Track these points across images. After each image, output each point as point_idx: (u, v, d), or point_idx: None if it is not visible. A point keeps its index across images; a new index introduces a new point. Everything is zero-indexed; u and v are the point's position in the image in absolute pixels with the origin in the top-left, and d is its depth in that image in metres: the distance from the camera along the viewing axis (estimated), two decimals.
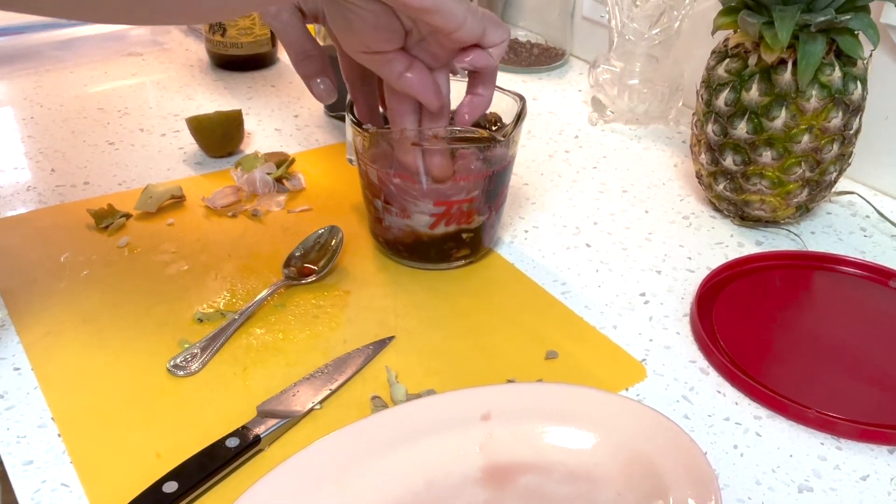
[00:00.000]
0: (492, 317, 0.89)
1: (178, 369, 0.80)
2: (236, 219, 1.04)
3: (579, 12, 1.57)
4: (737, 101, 0.99)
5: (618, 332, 0.88)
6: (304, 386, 0.78)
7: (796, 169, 0.98)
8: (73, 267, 0.94)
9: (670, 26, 1.25)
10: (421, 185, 0.88)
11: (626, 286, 0.95)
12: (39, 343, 0.83)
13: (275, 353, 0.83)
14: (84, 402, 0.77)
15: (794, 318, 0.91)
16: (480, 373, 0.81)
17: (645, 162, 1.24)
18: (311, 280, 0.93)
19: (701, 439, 0.75)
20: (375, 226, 0.97)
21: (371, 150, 0.89)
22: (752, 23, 0.94)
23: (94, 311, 0.88)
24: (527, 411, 0.72)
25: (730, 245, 1.04)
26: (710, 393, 0.81)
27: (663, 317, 0.91)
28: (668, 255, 1.01)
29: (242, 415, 0.75)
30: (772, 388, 0.79)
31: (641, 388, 0.81)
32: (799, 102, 0.95)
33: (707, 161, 1.04)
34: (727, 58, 1.01)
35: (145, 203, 1.04)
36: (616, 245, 1.03)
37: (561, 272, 0.97)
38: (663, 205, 1.12)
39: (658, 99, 1.30)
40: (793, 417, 0.78)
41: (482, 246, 0.97)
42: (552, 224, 1.07)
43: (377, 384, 0.80)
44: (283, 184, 1.11)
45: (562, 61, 1.58)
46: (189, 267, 0.95)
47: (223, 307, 0.89)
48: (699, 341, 0.86)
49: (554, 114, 1.38)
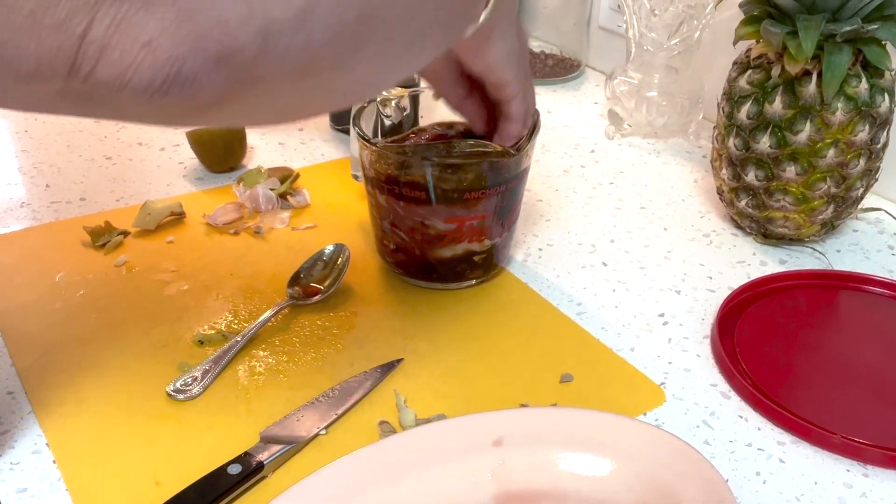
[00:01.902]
0: (504, 339, 0.90)
1: (178, 393, 0.80)
2: (238, 236, 1.05)
3: (595, 22, 1.58)
4: (759, 114, 0.99)
5: (635, 354, 0.88)
6: (309, 410, 0.78)
7: (821, 184, 0.98)
8: (68, 287, 0.95)
9: (690, 36, 1.25)
10: (430, 203, 0.88)
11: (644, 307, 0.96)
12: (34, 366, 0.83)
13: (278, 377, 0.83)
14: (80, 428, 0.77)
15: (819, 340, 0.91)
16: (493, 397, 0.82)
17: (664, 177, 1.24)
18: (317, 300, 0.93)
19: (722, 466, 0.75)
20: (382, 247, 0.97)
21: (379, 166, 0.90)
22: (776, 33, 0.95)
23: (90, 333, 0.88)
24: (541, 437, 0.72)
25: (752, 264, 1.04)
26: (732, 418, 0.81)
27: (683, 338, 0.91)
28: (688, 275, 1.01)
29: (245, 440, 0.75)
30: (796, 413, 0.79)
31: (660, 412, 0.81)
32: (824, 115, 0.96)
33: (728, 176, 1.05)
34: (749, 69, 1.01)
35: (144, 220, 1.04)
36: (634, 264, 1.03)
37: (576, 292, 0.97)
38: (683, 222, 1.12)
39: (677, 112, 1.30)
40: (817, 443, 0.78)
41: (495, 265, 0.97)
42: (567, 242, 1.07)
43: (385, 408, 0.80)
44: (286, 200, 1.11)
45: (577, 73, 1.59)
46: (189, 287, 0.95)
47: (225, 328, 0.89)
48: (720, 364, 0.87)
49: (569, 127, 1.39)
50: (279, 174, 1.14)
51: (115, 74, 0.46)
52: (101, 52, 0.46)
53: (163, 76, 0.47)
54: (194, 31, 0.46)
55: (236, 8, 0.47)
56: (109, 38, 0.45)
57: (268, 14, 0.48)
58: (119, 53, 0.46)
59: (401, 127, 0.99)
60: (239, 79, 0.49)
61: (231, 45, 0.48)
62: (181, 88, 0.47)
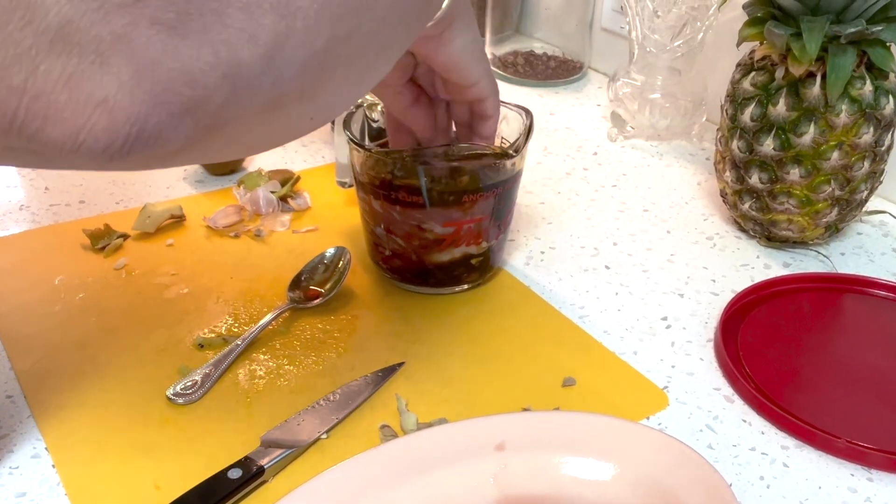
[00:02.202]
0: (506, 342, 0.90)
1: (179, 397, 0.80)
2: (239, 239, 1.05)
3: (598, 23, 1.58)
4: (763, 116, 0.99)
5: (638, 358, 0.88)
6: (309, 414, 0.78)
7: (825, 187, 0.99)
8: (67, 290, 0.95)
9: (693, 38, 1.25)
10: (427, 207, 0.88)
11: (647, 310, 0.96)
12: (33, 370, 0.84)
13: (279, 380, 0.83)
14: (80, 432, 0.77)
15: (824, 344, 0.91)
16: (494, 401, 0.82)
17: (667, 180, 1.24)
18: (318, 303, 0.93)
19: (725, 470, 0.76)
20: (376, 253, 0.97)
21: (372, 170, 0.90)
22: (779, 34, 0.95)
23: (89, 337, 0.88)
24: (543, 441, 0.72)
25: (756, 267, 1.04)
26: (735, 422, 0.81)
27: (686, 342, 0.91)
28: (692, 278, 1.01)
29: (245, 445, 0.75)
30: (800, 417, 0.79)
31: (663, 416, 0.81)
32: (828, 117, 0.96)
33: (732, 179, 1.05)
34: (753, 71, 1.01)
35: (143, 223, 1.04)
36: (636, 267, 1.03)
37: (579, 295, 0.98)
38: (686, 225, 1.13)
39: (680, 114, 1.31)
40: (822, 447, 0.78)
41: (491, 268, 0.97)
42: (569, 245, 1.07)
43: (387, 412, 0.80)
44: (287, 203, 1.11)
45: (580, 74, 1.59)
46: (189, 290, 0.96)
47: (225, 332, 0.89)
48: (724, 368, 0.87)
49: (571, 129, 1.39)
50: (280, 177, 1.14)
51: (66, 135, 0.43)
52: (48, 110, 0.42)
53: (122, 137, 0.44)
54: (157, 85, 0.43)
55: (201, 56, 0.44)
56: (58, 94, 0.42)
57: (234, 58, 0.45)
58: (70, 112, 0.42)
59: (383, 132, 0.98)
60: (206, 125, 0.47)
61: (197, 96, 0.45)
62: (144, 146, 0.45)
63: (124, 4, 0.42)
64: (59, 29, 0.41)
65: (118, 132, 0.43)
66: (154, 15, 0.42)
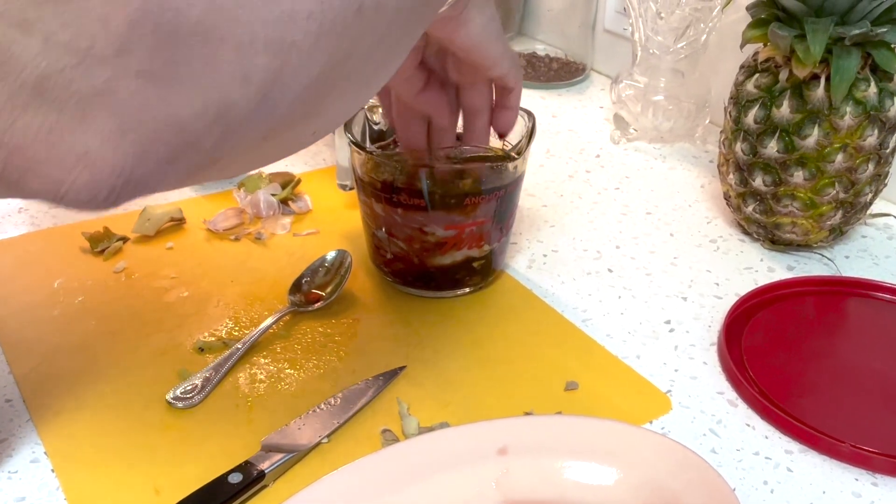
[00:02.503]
0: (508, 346, 0.90)
1: (178, 401, 0.80)
2: (239, 242, 1.05)
3: (601, 25, 1.58)
4: (767, 119, 0.99)
5: (641, 361, 0.88)
6: (310, 419, 0.78)
7: (829, 190, 0.99)
8: (66, 293, 0.95)
9: (697, 40, 1.25)
10: (429, 210, 0.88)
11: (650, 313, 0.96)
12: (32, 374, 0.84)
13: (280, 384, 0.83)
14: (79, 436, 0.77)
15: (828, 348, 0.91)
16: (496, 405, 0.82)
17: (670, 182, 1.24)
18: (319, 307, 0.93)
19: (729, 475, 0.76)
20: (377, 256, 0.97)
21: (373, 173, 0.90)
22: (783, 36, 0.95)
23: (89, 340, 0.88)
24: (545, 445, 0.72)
25: (759, 270, 1.04)
26: (739, 426, 0.81)
27: (689, 346, 0.91)
28: (695, 281, 1.01)
29: (246, 449, 0.75)
30: (804, 421, 0.79)
31: (666, 420, 0.81)
32: (832, 120, 0.96)
33: (736, 181, 1.05)
34: (757, 73, 1.01)
35: (143, 226, 1.04)
36: (640, 270, 1.03)
37: (581, 299, 0.98)
38: (689, 228, 1.13)
39: (684, 116, 1.31)
40: (826, 452, 0.78)
41: (492, 271, 0.98)
42: (572, 248, 1.07)
43: (388, 417, 0.80)
44: (288, 205, 1.12)
45: (582, 76, 1.59)
46: (189, 293, 0.96)
47: (225, 336, 0.89)
48: (727, 372, 0.87)
49: (574, 132, 1.39)
50: (280, 179, 1.14)
51: (48, 188, 0.42)
52: (28, 163, 0.41)
53: (107, 189, 0.42)
54: (143, 135, 0.42)
55: (191, 103, 0.43)
56: (37, 149, 0.40)
57: (225, 101, 0.43)
58: (51, 167, 0.41)
59: (384, 134, 0.98)
60: (198, 165, 0.46)
61: (186, 142, 0.43)
62: (132, 194, 0.43)
63: (106, 58, 0.40)
64: (37, 85, 0.39)
65: (102, 184, 0.42)
66: (140, 68, 0.41)
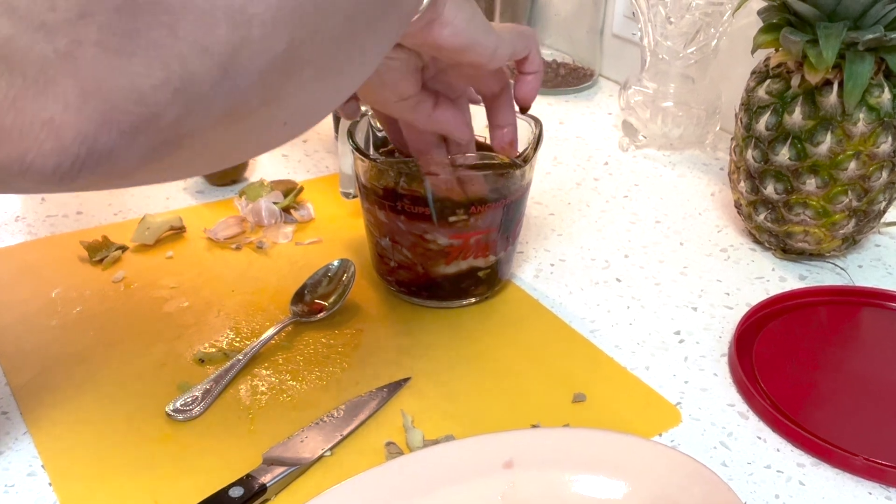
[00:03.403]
0: (515, 357, 0.90)
1: (178, 413, 0.81)
2: (240, 251, 1.05)
3: (609, 29, 1.58)
4: (778, 125, 0.99)
5: (650, 373, 0.88)
6: (313, 431, 0.79)
7: (842, 198, 0.99)
8: (65, 303, 0.95)
9: (707, 45, 1.26)
10: (433, 220, 0.89)
11: (659, 324, 0.96)
12: (29, 385, 0.84)
13: (282, 396, 0.84)
14: (77, 449, 0.77)
15: (841, 358, 0.91)
16: (503, 417, 0.82)
17: (680, 190, 1.24)
18: (321, 317, 0.93)
19: (740, 489, 0.76)
20: (381, 266, 0.97)
21: (377, 180, 0.90)
22: (795, 41, 0.95)
23: (87, 351, 0.89)
24: (552, 458, 0.72)
25: (771, 280, 1.04)
26: (750, 439, 0.81)
27: (699, 357, 0.91)
28: (705, 291, 1.01)
29: (247, 462, 0.75)
30: (816, 434, 0.79)
31: (676, 433, 0.81)
32: (845, 126, 0.96)
33: (746, 189, 1.05)
34: (768, 78, 1.01)
35: (142, 235, 1.04)
36: (649, 280, 1.03)
37: (589, 309, 0.98)
38: (699, 236, 1.13)
39: (694, 123, 1.31)
40: (839, 465, 0.78)
41: (498, 281, 0.98)
42: (580, 257, 1.07)
43: (392, 429, 0.80)
44: (290, 214, 1.12)
45: (590, 82, 1.59)
46: (189, 303, 0.96)
47: (226, 347, 0.89)
48: (738, 383, 0.87)
49: (582, 139, 1.39)
50: (282, 187, 1.14)
51: (14, 158, 0.42)
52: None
53: (71, 157, 0.43)
54: (104, 103, 0.42)
55: (151, 73, 0.43)
56: (3, 116, 0.41)
57: (186, 72, 0.44)
58: (17, 134, 0.41)
59: (387, 140, 0.98)
60: (162, 141, 0.46)
61: (148, 113, 0.44)
62: (95, 166, 0.44)
63: (68, 22, 0.41)
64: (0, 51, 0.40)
65: (66, 152, 0.42)
66: (100, 35, 0.41)
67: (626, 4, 1.52)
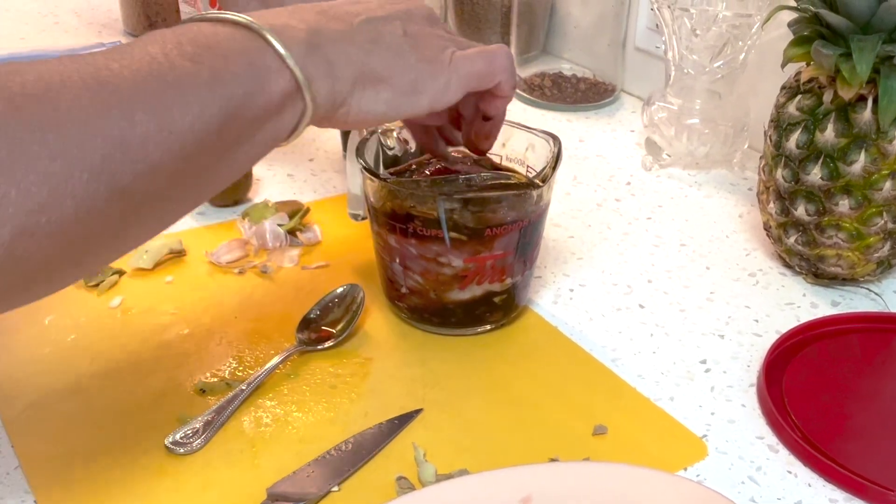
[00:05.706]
0: (532, 387, 0.90)
1: (178, 446, 0.81)
2: (244, 276, 1.06)
3: (632, 42, 1.58)
4: (810, 143, 0.99)
5: (675, 404, 0.89)
6: (320, 465, 0.79)
7: (877, 220, 0.99)
8: (58, 330, 0.95)
9: (735, 58, 1.26)
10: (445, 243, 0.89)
11: (684, 352, 0.96)
12: (20, 417, 0.84)
13: (287, 428, 0.84)
14: (71, 484, 0.77)
15: (876, 389, 0.91)
16: (519, 450, 0.82)
17: (706, 212, 1.24)
18: (329, 346, 0.93)
19: None
20: (392, 291, 0.97)
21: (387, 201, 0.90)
22: (828, 55, 0.95)
23: (82, 381, 0.89)
24: (572, 494, 0.72)
25: (802, 306, 1.04)
26: (780, 473, 0.81)
27: (727, 387, 0.91)
28: (733, 318, 1.01)
29: (250, 498, 0.75)
30: (850, 468, 0.79)
31: (702, 467, 0.81)
32: (880, 144, 0.96)
33: (776, 211, 1.05)
34: (799, 94, 1.01)
35: (140, 258, 1.05)
36: (673, 306, 1.03)
37: (611, 337, 0.98)
38: (727, 260, 1.13)
39: (721, 140, 1.31)
40: (874, 501, 0.78)
41: (515, 307, 0.98)
42: (601, 282, 1.07)
43: (403, 463, 0.80)
44: (296, 237, 1.12)
45: (612, 98, 1.59)
46: (190, 330, 0.96)
47: (229, 376, 0.90)
48: (767, 415, 0.87)
49: (603, 157, 1.39)
50: (288, 209, 1.14)
51: None
52: None
53: None
54: None
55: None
56: None
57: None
58: None
59: (398, 159, 0.99)
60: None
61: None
62: None
63: None
64: None
65: None
66: None
67: (650, 16, 1.52)
